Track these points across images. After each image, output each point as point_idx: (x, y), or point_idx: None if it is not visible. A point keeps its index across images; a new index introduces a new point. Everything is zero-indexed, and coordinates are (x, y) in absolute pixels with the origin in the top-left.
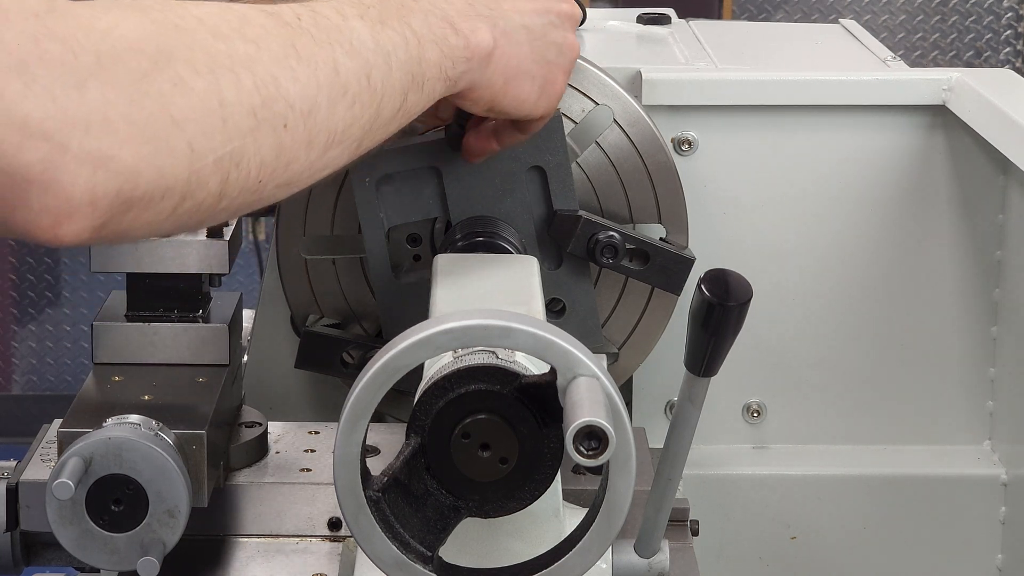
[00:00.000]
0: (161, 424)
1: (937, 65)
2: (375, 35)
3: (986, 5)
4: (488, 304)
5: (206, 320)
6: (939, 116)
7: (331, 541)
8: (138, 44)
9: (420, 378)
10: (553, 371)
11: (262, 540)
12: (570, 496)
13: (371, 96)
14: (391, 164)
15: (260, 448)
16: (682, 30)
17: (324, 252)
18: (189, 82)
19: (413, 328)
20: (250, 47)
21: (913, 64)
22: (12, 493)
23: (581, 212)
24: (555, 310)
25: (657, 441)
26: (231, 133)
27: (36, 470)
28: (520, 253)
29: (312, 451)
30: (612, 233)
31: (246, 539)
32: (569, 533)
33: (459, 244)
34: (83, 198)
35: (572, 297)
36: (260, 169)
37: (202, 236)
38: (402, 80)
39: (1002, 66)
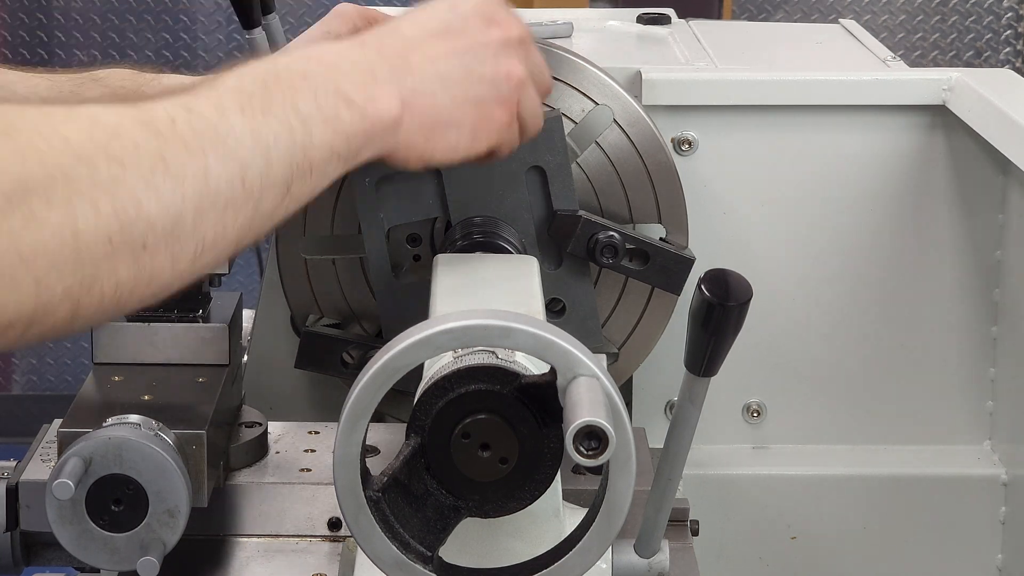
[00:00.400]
0: (161, 424)
1: (937, 65)
2: (254, 129)
3: (986, 5)
4: (488, 304)
5: (206, 320)
6: (939, 116)
7: (331, 541)
8: None
9: (420, 378)
10: (553, 371)
11: (262, 540)
12: (570, 496)
13: (246, 198)
14: None
15: (260, 448)
16: (682, 30)
17: (324, 252)
18: (42, 216)
19: (413, 328)
20: (114, 168)
21: (913, 64)
22: (12, 493)
23: (581, 212)
24: (555, 310)
25: (657, 441)
26: (83, 262)
27: (36, 470)
28: (520, 253)
29: (312, 451)
30: (612, 233)
31: (246, 539)
32: (569, 533)
33: (459, 244)
34: None
35: (572, 297)
36: (116, 290)
37: None
38: (284, 172)
39: (1002, 66)
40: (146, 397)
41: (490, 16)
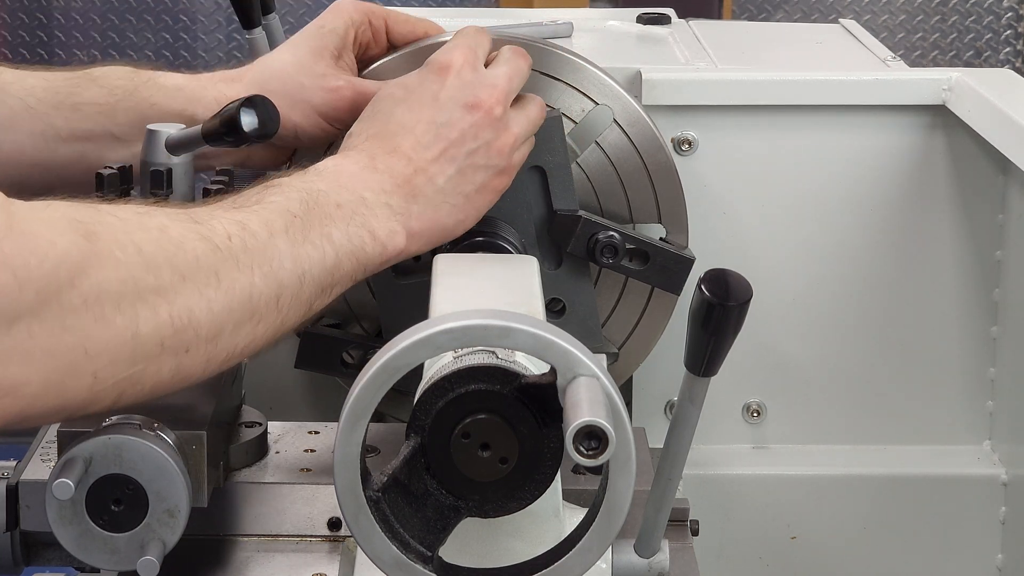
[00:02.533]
0: (161, 424)
1: (937, 65)
2: (295, 253)
3: (986, 5)
4: (488, 304)
5: None
6: (939, 116)
7: (331, 541)
8: (77, 279)
9: (420, 378)
10: (553, 371)
11: (262, 540)
12: (570, 496)
13: (277, 316)
14: None
15: (260, 448)
16: (682, 30)
17: None
18: (110, 318)
19: (413, 328)
20: (176, 278)
21: (913, 64)
22: (12, 493)
23: (581, 212)
24: (555, 310)
25: (657, 441)
26: (136, 361)
27: (36, 470)
28: (520, 253)
29: (312, 451)
30: (612, 233)
31: (246, 539)
32: (569, 533)
33: (459, 244)
34: None
35: (572, 297)
36: (155, 387)
37: None
38: (311, 294)
39: (1002, 66)
40: None
41: (471, 101)
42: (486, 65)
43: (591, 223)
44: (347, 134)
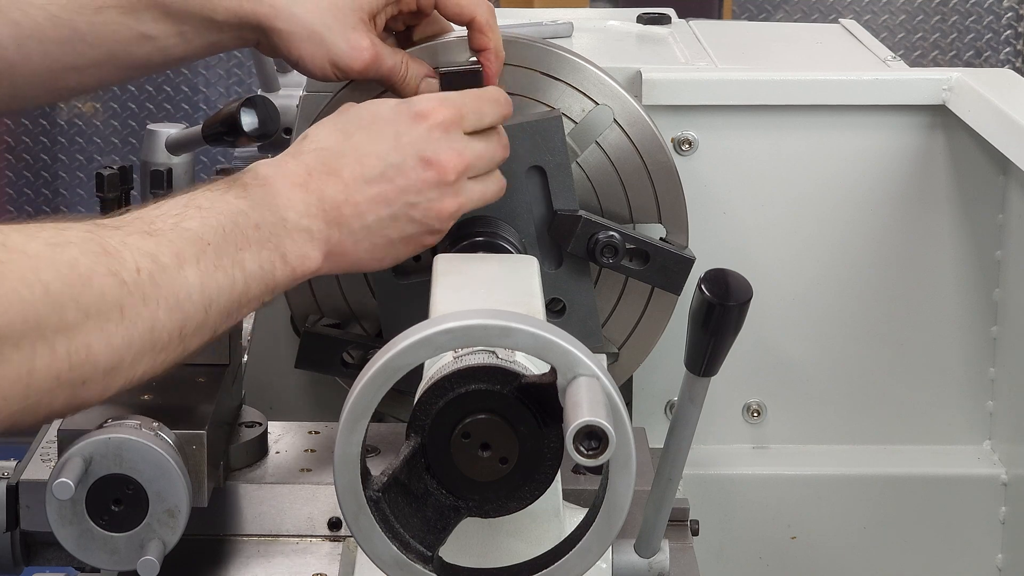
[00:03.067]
0: (161, 424)
1: (937, 65)
2: (203, 284)
3: (986, 5)
4: (488, 304)
5: None
6: (939, 116)
7: (331, 541)
8: None
9: (420, 378)
10: (553, 371)
11: (262, 540)
12: (570, 496)
13: (179, 343)
14: None
15: (260, 448)
16: (682, 30)
17: None
18: (7, 357)
19: (413, 328)
20: (79, 316)
21: (913, 64)
22: (12, 493)
23: (581, 212)
24: (555, 310)
25: (657, 441)
26: (29, 395)
27: (36, 470)
28: (520, 253)
29: (312, 451)
30: (612, 233)
31: (246, 539)
32: (569, 533)
33: (459, 244)
34: None
35: (572, 297)
36: (49, 415)
37: None
38: (216, 321)
39: (1002, 66)
40: (146, 397)
41: (431, 156)
42: (471, 133)
43: (591, 223)
44: (304, 132)
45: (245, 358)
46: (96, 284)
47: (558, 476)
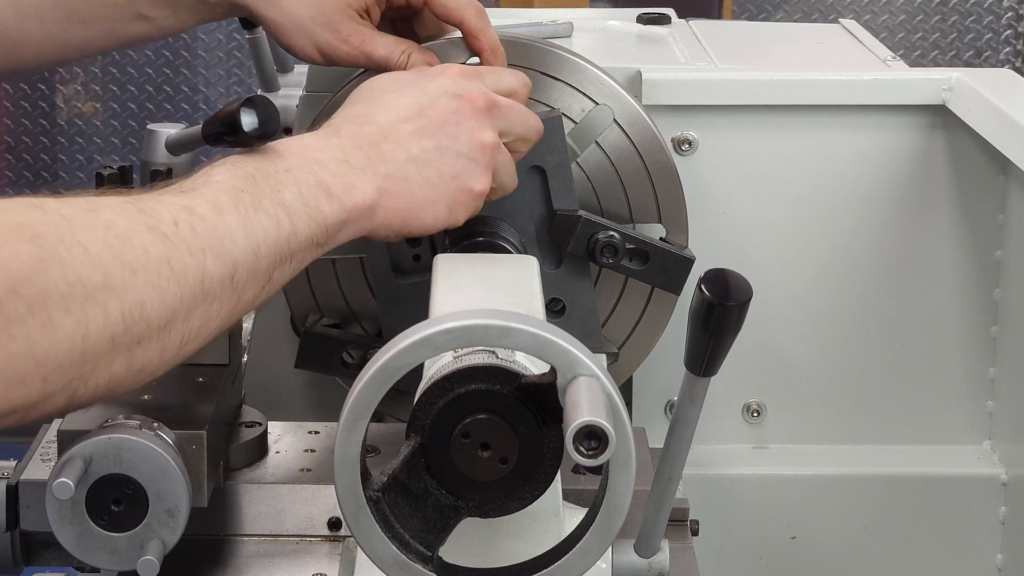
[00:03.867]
0: (161, 424)
1: (937, 65)
2: (247, 226)
3: (986, 5)
4: (488, 304)
5: None
6: (939, 116)
7: (331, 541)
8: (20, 286)
9: (420, 378)
10: (553, 371)
11: (262, 540)
12: (570, 496)
13: (232, 293)
14: None
15: (260, 448)
16: (682, 30)
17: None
18: (58, 322)
19: (413, 328)
20: (126, 274)
21: (913, 64)
22: (12, 493)
23: (581, 212)
24: (555, 310)
25: (657, 441)
26: (86, 360)
27: (36, 470)
28: (520, 253)
29: (312, 451)
30: (612, 233)
31: (246, 539)
32: (569, 533)
33: (459, 244)
34: None
35: (572, 297)
36: (109, 381)
37: None
38: (269, 264)
39: (1002, 66)
40: (146, 397)
41: (459, 92)
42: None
43: (591, 223)
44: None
45: (245, 358)
46: (137, 241)
47: (558, 476)
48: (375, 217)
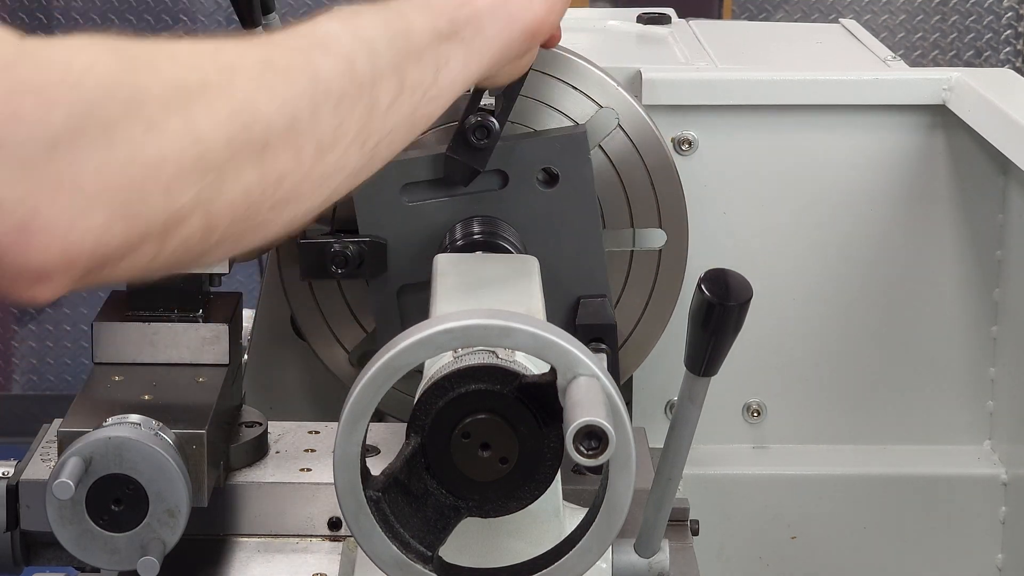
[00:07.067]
0: (161, 424)
1: (937, 65)
2: (350, 29)
3: (986, 5)
4: (488, 304)
5: (206, 320)
6: (939, 116)
7: (331, 541)
8: (111, 89)
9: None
10: (553, 371)
11: (262, 540)
12: (570, 496)
13: (358, 89)
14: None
15: (260, 448)
16: (682, 30)
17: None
18: (161, 123)
19: (413, 328)
20: (224, 73)
21: (913, 64)
22: (12, 493)
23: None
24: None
25: (657, 441)
26: (207, 166)
27: (36, 470)
28: (520, 253)
29: (312, 451)
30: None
31: (246, 539)
32: (569, 533)
33: (459, 244)
34: (58, 261)
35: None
36: (246, 193)
37: None
38: (392, 59)
39: (1002, 66)
40: (146, 397)
41: None
42: None
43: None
44: None
45: (245, 358)
46: (228, 48)
47: (558, 476)
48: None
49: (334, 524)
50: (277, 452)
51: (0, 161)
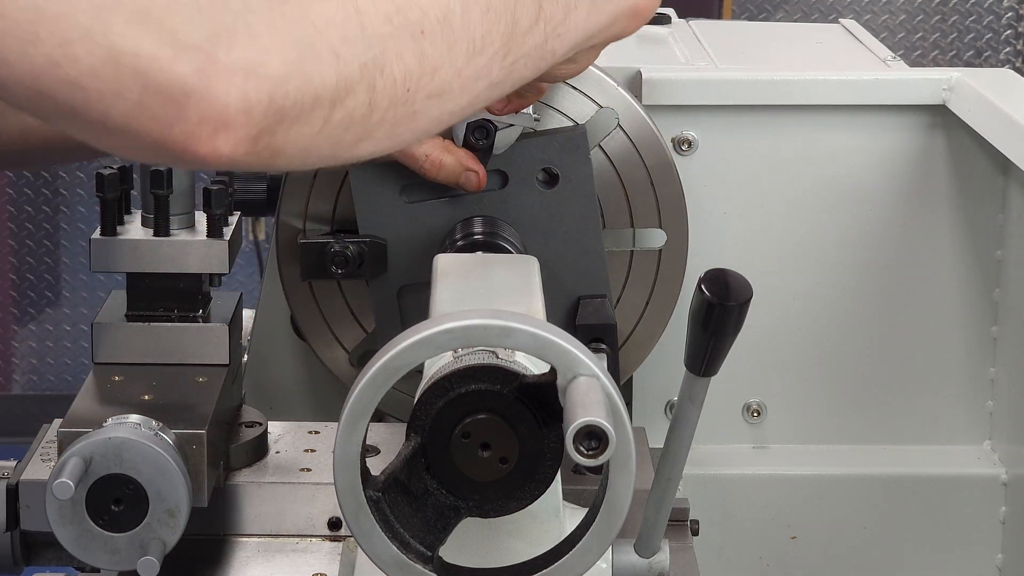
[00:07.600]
0: (161, 424)
1: (937, 65)
2: None
3: (986, 5)
4: (488, 304)
5: (206, 320)
6: (939, 116)
7: (331, 541)
8: None
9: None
10: (553, 371)
11: (262, 540)
12: (570, 496)
13: (503, 3)
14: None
15: (260, 448)
16: (682, 30)
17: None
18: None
19: (413, 328)
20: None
21: (913, 64)
22: (12, 493)
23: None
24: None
25: (657, 441)
26: (371, 40)
27: (36, 470)
28: (520, 253)
29: (312, 451)
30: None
31: (246, 539)
32: (569, 533)
33: (459, 244)
34: (238, 105)
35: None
36: (405, 77)
37: (202, 236)
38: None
39: (1002, 66)
40: (146, 397)
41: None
42: None
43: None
44: None
45: (245, 358)
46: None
47: (558, 476)
48: None
49: (334, 524)
50: (277, 452)
51: (181, 4)
